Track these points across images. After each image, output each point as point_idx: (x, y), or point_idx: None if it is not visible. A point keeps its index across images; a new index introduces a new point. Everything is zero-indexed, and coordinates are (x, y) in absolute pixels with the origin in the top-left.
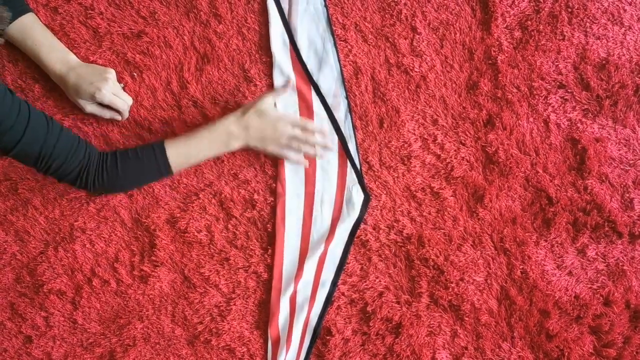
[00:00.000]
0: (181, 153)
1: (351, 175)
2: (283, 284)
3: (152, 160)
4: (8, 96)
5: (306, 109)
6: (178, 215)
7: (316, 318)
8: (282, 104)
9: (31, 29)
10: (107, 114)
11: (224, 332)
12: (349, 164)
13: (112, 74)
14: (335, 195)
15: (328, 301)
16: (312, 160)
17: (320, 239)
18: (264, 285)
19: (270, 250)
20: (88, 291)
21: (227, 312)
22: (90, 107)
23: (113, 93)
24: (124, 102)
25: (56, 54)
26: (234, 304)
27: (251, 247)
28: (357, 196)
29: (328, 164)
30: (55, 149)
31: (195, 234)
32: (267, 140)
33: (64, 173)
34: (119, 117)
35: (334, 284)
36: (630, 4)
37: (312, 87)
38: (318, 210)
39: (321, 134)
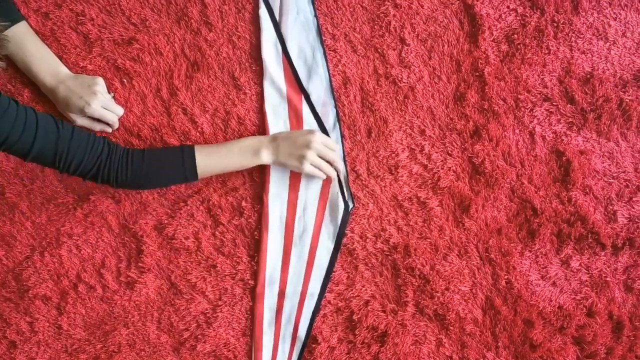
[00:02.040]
0: (210, 159)
1: (335, 182)
2: (266, 290)
3: (179, 161)
4: (12, 106)
5: (295, 118)
6: (166, 221)
7: (305, 327)
8: (273, 113)
9: (23, 40)
10: (97, 126)
11: (210, 339)
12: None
13: (100, 85)
14: (318, 201)
15: (316, 311)
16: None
17: (303, 245)
18: (250, 292)
19: (256, 258)
20: (73, 297)
21: (213, 319)
22: (80, 121)
23: (102, 106)
24: (113, 114)
25: (46, 66)
26: (221, 311)
27: (238, 254)
28: (340, 204)
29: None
30: (71, 149)
31: (183, 240)
32: (295, 153)
33: (84, 171)
34: (109, 129)
35: (322, 294)
36: (615, 19)
37: (302, 96)
38: (301, 215)
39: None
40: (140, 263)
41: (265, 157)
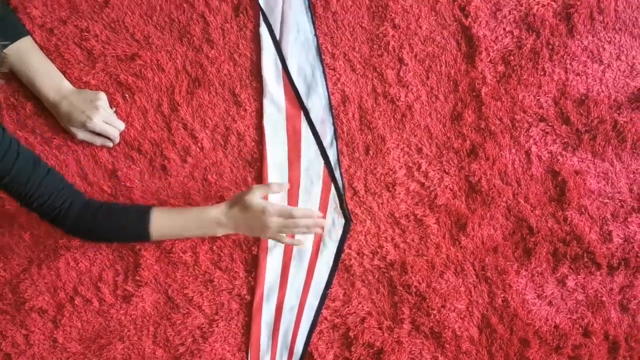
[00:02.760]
0: (165, 225)
1: (333, 199)
2: (264, 304)
3: (134, 222)
4: None
5: (293, 135)
6: None
7: (302, 343)
8: (271, 129)
9: (27, 54)
10: (98, 141)
11: (205, 354)
12: (332, 188)
13: (103, 100)
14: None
15: (313, 326)
16: (295, 183)
17: (302, 260)
18: (247, 307)
19: (254, 273)
20: (70, 310)
21: (209, 333)
22: (82, 135)
23: (104, 121)
24: (115, 129)
25: (50, 81)
26: (217, 326)
27: (235, 269)
28: (339, 220)
29: (312, 186)
30: (40, 188)
31: (181, 254)
32: (255, 230)
33: (43, 212)
34: (110, 144)
35: (319, 309)
36: (609, 43)
37: (301, 113)
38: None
39: (309, 217)
40: (138, 277)
41: (221, 233)
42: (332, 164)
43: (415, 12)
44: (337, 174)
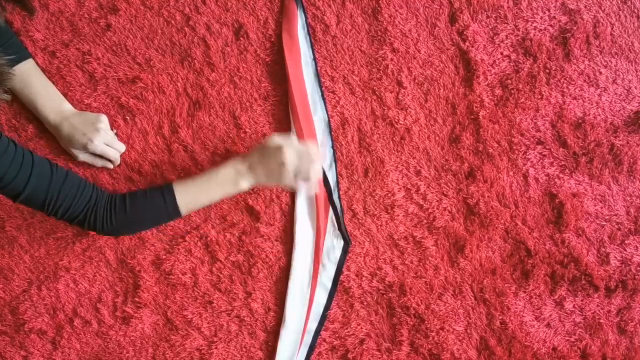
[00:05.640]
0: (190, 195)
1: (332, 220)
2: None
3: (160, 203)
4: (11, 147)
5: None
6: (163, 257)
7: None
8: None
9: (29, 77)
10: (99, 162)
11: None
12: (330, 211)
13: (104, 122)
14: (315, 240)
15: (312, 348)
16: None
17: (302, 284)
18: (246, 329)
19: (253, 295)
20: (69, 331)
21: (208, 355)
22: (82, 157)
23: (105, 143)
24: (115, 151)
25: (51, 103)
26: (216, 348)
27: (235, 290)
28: (337, 242)
29: (310, 208)
30: (61, 194)
31: (180, 276)
32: (273, 175)
33: (71, 216)
34: (110, 166)
35: (318, 330)
36: (605, 67)
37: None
38: (300, 254)
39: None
40: (137, 298)
41: (245, 185)
42: (331, 186)
43: (414, 36)
44: (335, 196)
